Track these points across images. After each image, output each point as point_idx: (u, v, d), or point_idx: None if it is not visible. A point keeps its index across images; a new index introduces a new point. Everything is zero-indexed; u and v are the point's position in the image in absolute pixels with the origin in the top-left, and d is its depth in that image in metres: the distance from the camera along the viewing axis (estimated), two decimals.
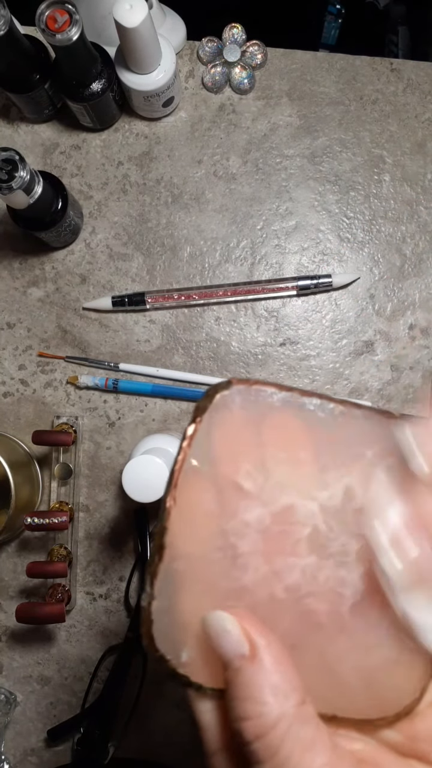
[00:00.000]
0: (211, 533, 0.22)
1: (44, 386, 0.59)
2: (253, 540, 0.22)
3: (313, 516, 0.23)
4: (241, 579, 0.22)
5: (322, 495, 0.23)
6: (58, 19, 0.45)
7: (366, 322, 0.58)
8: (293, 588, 0.23)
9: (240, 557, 0.22)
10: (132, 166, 0.59)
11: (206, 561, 0.22)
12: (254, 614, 0.22)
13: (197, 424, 0.22)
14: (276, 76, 0.59)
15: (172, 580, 0.22)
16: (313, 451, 0.23)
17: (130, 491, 0.45)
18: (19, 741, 0.58)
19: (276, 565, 0.22)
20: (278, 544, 0.23)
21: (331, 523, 0.23)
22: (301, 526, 0.23)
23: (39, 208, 0.50)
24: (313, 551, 0.23)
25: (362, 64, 0.60)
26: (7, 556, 0.58)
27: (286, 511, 0.23)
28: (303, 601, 0.23)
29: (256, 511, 0.22)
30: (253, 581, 0.22)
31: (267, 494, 0.23)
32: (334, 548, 0.23)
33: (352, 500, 0.23)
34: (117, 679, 0.56)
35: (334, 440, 0.23)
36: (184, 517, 0.22)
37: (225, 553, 0.22)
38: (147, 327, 0.58)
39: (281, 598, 0.22)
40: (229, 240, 0.59)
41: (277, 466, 0.23)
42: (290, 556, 0.23)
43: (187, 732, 0.58)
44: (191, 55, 0.60)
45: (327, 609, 0.23)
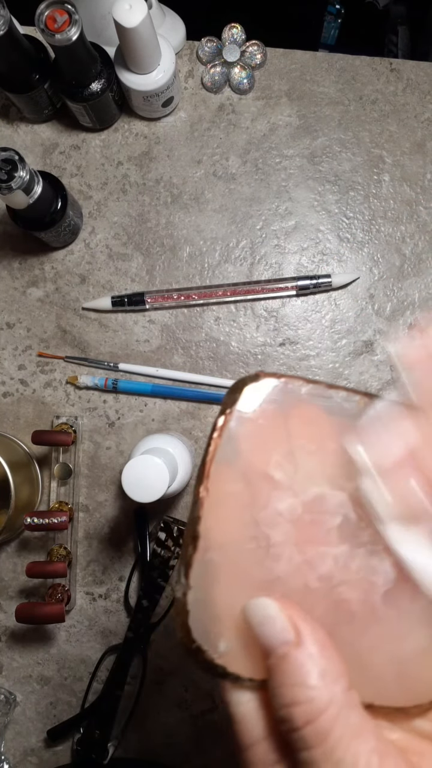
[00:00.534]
0: (244, 523, 0.22)
1: (44, 386, 0.59)
2: (285, 530, 0.23)
3: (343, 505, 0.23)
4: (275, 569, 0.22)
5: (351, 484, 0.23)
6: (57, 19, 0.45)
7: (365, 322, 0.58)
8: (326, 577, 0.23)
9: (273, 547, 0.22)
10: (131, 166, 0.59)
11: (240, 551, 0.22)
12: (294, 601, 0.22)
13: (227, 416, 0.23)
14: (275, 76, 0.59)
15: (206, 570, 0.22)
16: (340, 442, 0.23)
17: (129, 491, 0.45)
18: (19, 741, 0.58)
19: (309, 555, 0.23)
20: (310, 533, 0.23)
21: (361, 512, 0.23)
22: (332, 516, 0.23)
23: (39, 208, 0.50)
24: (344, 540, 0.23)
25: (362, 64, 0.60)
26: (7, 556, 0.58)
27: (316, 501, 0.23)
28: (336, 590, 0.23)
29: (288, 501, 0.23)
30: (287, 571, 0.22)
31: (297, 484, 0.23)
32: (365, 537, 0.23)
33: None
34: (117, 679, 0.56)
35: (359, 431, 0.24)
36: (216, 508, 0.22)
37: (258, 543, 0.22)
38: (146, 327, 0.58)
39: (315, 587, 0.23)
40: (229, 240, 0.59)
41: (305, 457, 0.23)
42: (322, 545, 0.23)
43: (187, 732, 0.58)
44: (191, 55, 0.60)
45: (360, 598, 0.23)
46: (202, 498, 0.22)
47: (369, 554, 0.23)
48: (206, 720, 0.58)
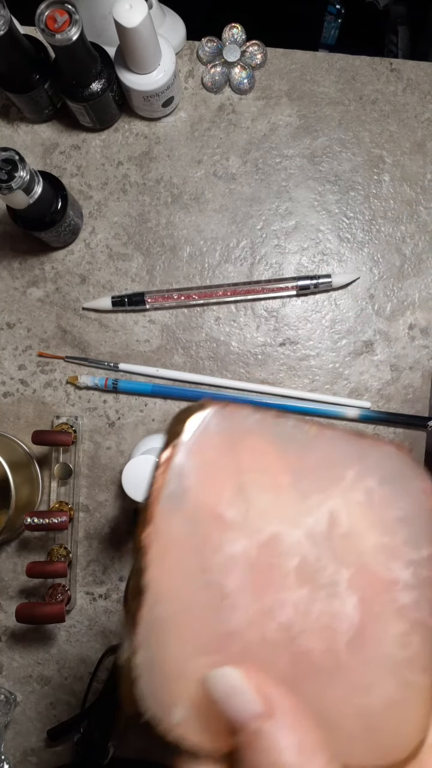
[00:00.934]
0: (194, 571, 0.21)
1: (44, 386, 0.59)
2: (239, 576, 0.21)
3: (300, 545, 0.21)
4: (230, 620, 0.21)
5: (307, 521, 0.22)
6: (57, 19, 0.45)
7: (366, 322, 0.58)
8: (286, 626, 0.21)
9: (228, 596, 0.21)
10: (132, 166, 0.59)
11: (192, 603, 0.20)
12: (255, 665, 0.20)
13: (172, 449, 0.21)
14: (276, 76, 0.59)
15: (155, 628, 0.20)
16: (293, 475, 0.22)
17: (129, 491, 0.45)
18: (19, 741, 0.58)
19: (266, 602, 0.21)
20: (267, 578, 0.21)
21: (319, 551, 0.22)
22: (289, 557, 0.21)
23: (39, 208, 0.50)
24: (303, 583, 0.21)
25: (362, 64, 0.60)
26: (7, 556, 0.58)
27: (272, 541, 0.21)
28: (297, 640, 0.21)
29: (241, 543, 0.21)
30: (244, 622, 0.21)
31: (251, 523, 0.21)
32: (325, 578, 0.21)
33: (336, 525, 0.22)
34: (117, 679, 0.56)
35: (312, 463, 0.22)
36: (163, 556, 0.20)
37: (211, 593, 0.21)
38: (147, 327, 0.58)
39: (274, 638, 0.21)
40: (229, 240, 0.59)
41: (258, 493, 0.21)
42: (280, 590, 0.21)
43: None
44: (191, 55, 0.60)
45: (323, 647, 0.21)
46: (146, 546, 0.20)
47: (330, 597, 0.21)
48: None
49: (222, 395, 0.57)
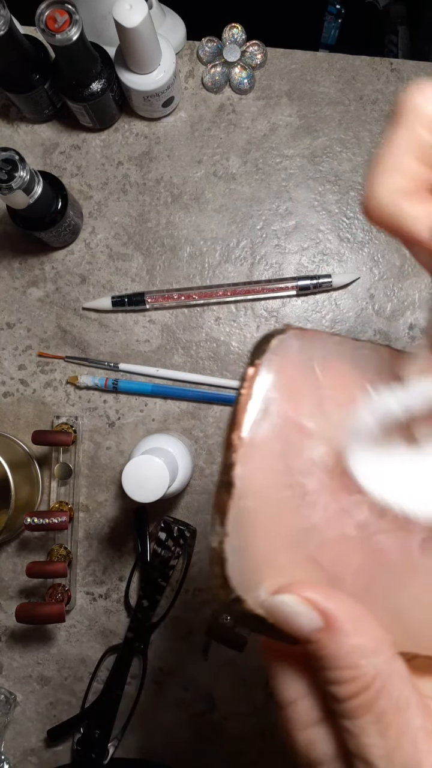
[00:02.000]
0: (278, 471, 0.22)
1: (44, 386, 0.59)
2: (319, 478, 0.22)
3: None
4: (311, 517, 0.22)
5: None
6: (57, 19, 0.45)
7: (366, 322, 0.58)
8: (363, 525, 0.22)
9: (308, 495, 0.22)
10: (132, 166, 0.59)
11: (275, 499, 0.22)
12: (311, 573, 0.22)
13: (257, 366, 0.23)
14: (276, 76, 0.59)
15: (242, 518, 0.21)
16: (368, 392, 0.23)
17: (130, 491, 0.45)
18: (19, 741, 0.58)
19: (344, 503, 0.22)
20: (344, 481, 0.22)
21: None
22: None
23: (39, 208, 0.50)
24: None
25: (362, 64, 0.60)
26: (7, 556, 0.58)
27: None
28: (373, 538, 0.22)
29: (320, 450, 0.22)
30: (323, 519, 0.22)
31: (329, 433, 0.23)
32: None
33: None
34: (117, 679, 0.56)
35: (385, 382, 0.24)
36: (249, 455, 0.22)
37: (293, 491, 0.22)
38: (147, 327, 0.58)
39: (352, 535, 0.22)
40: (229, 240, 0.59)
41: (336, 407, 0.23)
42: (357, 493, 0.23)
43: (187, 732, 0.58)
44: (191, 55, 0.60)
45: (397, 546, 0.23)
46: (236, 445, 0.21)
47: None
48: (206, 720, 0.58)
49: (222, 395, 0.57)
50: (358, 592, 0.22)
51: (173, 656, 0.57)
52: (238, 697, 0.57)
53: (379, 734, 0.19)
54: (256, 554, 0.21)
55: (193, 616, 0.57)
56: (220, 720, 0.58)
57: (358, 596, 0.22)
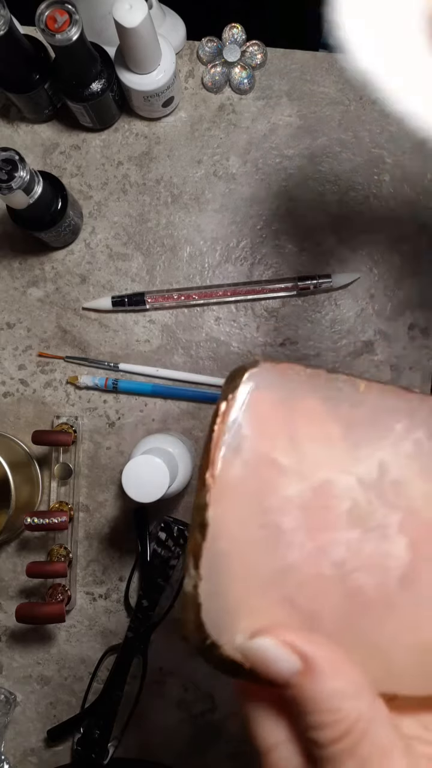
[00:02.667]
0: (253, 511, 0.22)
1: (44, 386, 0.59)
2: (295, 516, 0.22)
3: (352, 489, 0.23)
4: (287, 557, 0.22)
5: (358, 469, 0.23)
6: (57, 19, 0.45)
7: (366, 322, 0.58)
8: (340, 563, 0.22)
9: (284, 534, 0.22)
10: (132, 166, 0.59)
11: (251, 539, 0.22)
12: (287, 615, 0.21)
13: (229, 401, 0.23)
14: (276, 76, 0.59)
15: (217, 560, 0.21)
16: (343, 428, 0.23)
17: (130, 491, 0.45)
18: (19, 741, 0.58)
19: (321, 541, 0.22)
20: (321, 519, 0.22)
21: (370, 496, 0.23)
22: (342, 500, 0.23)
23: (39, 208, 0.50)
24: (355, 525, 0.23)
25: None
26: (7, 556, 0.58)
27: (324, 486, 0.23)
28: (350, 576, 0.22)
29: (296, 487, 0.22)
30: (300, 558, 0.22)
31: (304, 469, 0.23)
32: (376, 521, 0.23)
33: (386, 474, 0.23)
34: (117, 679, 0.56)
35: (362, 416, 0.24)
36: (224, 495, 0.22)
37: (269, 531, 0.22)
38: (147, 327, 0.58)
39: (328, 574, 0.22)
40: (229, 240, 0.59)
41: (310, 443, 0.23)
42: (334, 531, 0.22)
43: (187, 732, 0.58)
44: (191, 55, 0.60)
45: (375, 583, 0.22)
46: (209, 485, 0.21)
47: (381, 538, 0.23)
48: (206, 720, 0.58)
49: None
50: (337, 631, 0.22)
51: (173, 656, 0.57)
52: None
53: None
54: (232, 598, 0.21)
55: None
56: (220, 720, 0.58)
57: (336, 636, 0.22)
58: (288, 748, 0.21)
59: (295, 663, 0.20)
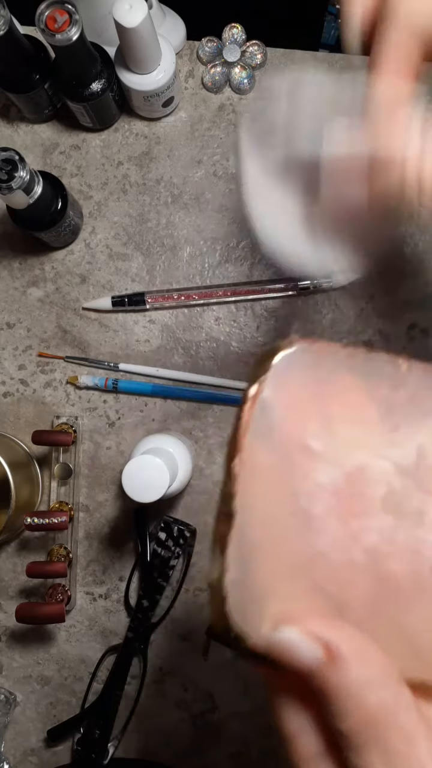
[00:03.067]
0: (283, 497, 0.21)
1: (44, 386, 0.59)
2: (326, 502, 0.21)
3: (387, 475, 0.22)
4: (317, 543, 0.21)
5: (394, 453, 0.22)
6: (57, 19, 0.45)
7: (366, 322, 0.58)
8: (372, 550, 0.22)
9: (314, 520, 0.21)
10: (132, 166, 0.59)
11: (280, 527, 0.21)
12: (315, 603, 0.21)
13: (260, 384, 0.22)
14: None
15: (244, 550, 0.20)
16: (381, 410, 0.22)
17: (130, 491, 0.45)
18: (19, 741, 0.58)
19: (352, 527, 0.22)
20: (353, 505, 0.22)
21: (406, 482, 0.22)
22: (376, 486, 0.22)
23: (39, 208, 0.50)
24: (389, 511, 0.22)
25: (362, 64, 0.59)
26: (7, 556, 0.58)
27: (358, 471, 0.22)
28: (382, 563, 0.22)
29: (328, 472, 0.22)
30: (330, 545, 0.21)
31: (337, 454, 0.22)
32: (411, 507, 0.22)
33: (425, 458, 0.22)
34: (117, 679, 0.56)
35: (401, 398, 0.23)
36: (252, 482, 0.21)
37: (299, 517, 0.21)
38: (147, 327, 0.58)
39: (360, 561, 0.22)
40: (229, 240, 0.59)
41: (344, 426, 0.22)
42: (366, 517, 0.22)
43: (187, 732, 0.58)
44: (191, 55, 0.60)
45: (407, 571, 0.22)
46: (236, 472, 0.21)
47: (415, 525, 0.22)
48: (206, 720, 0.58)
49: (222, 395, 0.57)
50: (366, 618, 0.22)
51: (173, 656, 0.57)
52: (238, 697, 0.57)
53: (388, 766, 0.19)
54: (259, 587, 0.21)
55: (193, 616, 0.57)
56: (220, 720, 0.58)
57: (366, 622, 0.21)
58: (312, 734, 0.21)
59: (318, 653, 0.20)
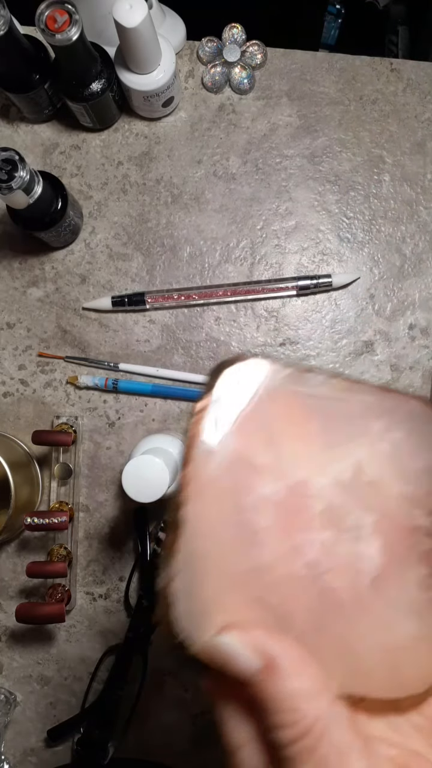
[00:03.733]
0: (228, 510, 0.22)
1: (44, 386, 0.59)
2: (270, 515, 0.22)
3: (327, 490, 0.23)
4: (261, 556, 0.22)
5: (334, 469, 0.23)
6: (57, 19, 0.45)
7: (366, 322, 0.58)
8: (313, 564, 0.22)
9: (258, 533, 0.22)
10: (132, 166, 0.59)
11: (225, 538, 0.22)
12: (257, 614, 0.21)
13: (205, 399, 0.22)
14: (276, 76, 0.59)
15: (190, 559, 0.21)
16: (321, 426, 0.23)
17: (129, 491, 0.45)
18: (19, 741, 0.58)
19: (294, 541, 0.22)
20: (295, 519, 0.22)
21: (345, 497, 0.23)
22: (316, 501, 0.23)
23: (39, 208, 0.50)
24: (329, 525, 0.23)
25: (362, 64, 0.60)
26: (7, 556, 0.58)
27: (300, 486, 0.23)
28: (323, 577, 0.22)
29: (271, 486, 0.22)
30: (273, 558, 0.22)
31: (280, 469, 0.23)
32: (350, 522, 0.23)
33: (362, 473, 0.23)
34: (117, 679, 0.56)
35: (340, 415, 0.23)
36: (199, 494, 0.22)
37: (243, 530, 0.22)
38: (147, 327, 0.58)
39: (301, 574, 0.22)
40: (229, 240, 0.59)
41: (287, 442, 0.23)
42: (308, 531, 0.22)
43: (187, 732, 0.58)
44: (191, 55, 0.60)
45: (347, 585, 0.22)
46: (185, 483, 0.22)
47: (355, 540, 0.23)
48: (206, 720, 0.58)
49: None
50: (308, 631, 0.22)
51: (173, 656, 0.57)
52: None
53: None
54: (203, 597, 0.21)
55: None
56: None
57: (307, 636, 0.22)
58: (253, 747, 0.21)
59: (256, 661, 0.20)
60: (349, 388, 0.24)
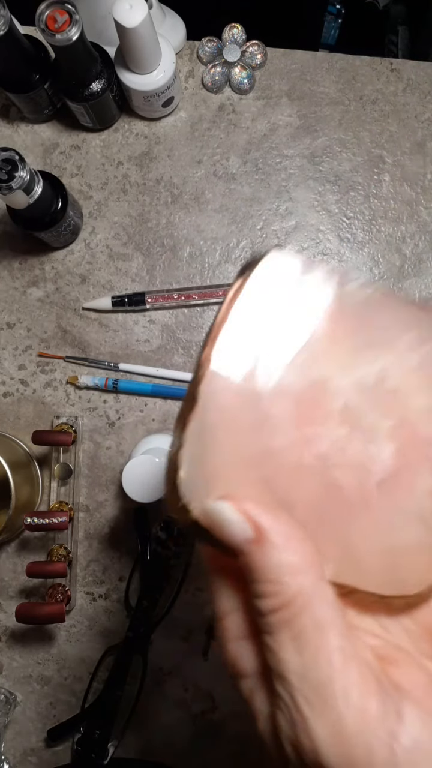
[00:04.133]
0: (245, 392, 0.22)
1: (44, 386, 0.59)
2: (286, 405, 0.22)
3: (348, 390, 0.23)
4: (271, 440, 0.22)
5: (358, 372, 0.23)
6: (57, 19, 0.45)
7: None
8: (322, 456, 0.22)
9: (271, 419, 0.22)
10: (132, 166, 0.59)
11: (238, 418, 0.22)
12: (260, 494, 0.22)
13: (244, 280, 0.22)
14: (276, 76, 0.59)
15: (202, 431, 0.21)
16: (351, 329, 0.23)
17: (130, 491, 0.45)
18: (19, 741, 0.58)
19: (306, 432, 0.22)
20: (311, 411, 0.22)
21: (365, 400, 0.23)
22: (335, 398, 0.23)
23: (39, 208, 0.50)
24: (344, 424, 0.23)
25: (362, 64, 0.60)
26: (7, 556, 0.58)
27: (320, 383, 0.23)
28: (330, 471, 0.22)
29: (292, 377, 0.22)
30: (284, 444, 0.22)
31: (304, 363, 0.23)
32: (365, 424, 0.23)
33: (386, 381, 0.23)
34: (117, 679, 0.56)
35: (372, 322, 0.23)
36: (219, 373, 0.22)
37: (257, 414, 0.22)
38: (147, 327, 0.58)
39: (309, 464, 0.22)
40: (229, 240, 0.59)
41: (315, 340, 0.23)
42: (321, 425, 0.22)
43: (187, 732, 0.58)
44: (191, 55, 0.60)
45: (354, 483, 0.23)
46: (207, 360, 0.22)
47: (369, 441, 0.23)
48: (206, 720, 0.58)
49: None
50: (309, 520, 0.22)
51: (173, 656, 0.57)
52: (238, 697, 0.57)
53: (296, 651, 0.20)
54: (211, 467, 0.22)
55: (193, 616, 0.57)
56: (220, 720, 0.58)
57: (307, 524, 0.22)
58: (239, 615, 0.22)
59: (247, 530, 0.21)
60: (383, 298, 0.24)
